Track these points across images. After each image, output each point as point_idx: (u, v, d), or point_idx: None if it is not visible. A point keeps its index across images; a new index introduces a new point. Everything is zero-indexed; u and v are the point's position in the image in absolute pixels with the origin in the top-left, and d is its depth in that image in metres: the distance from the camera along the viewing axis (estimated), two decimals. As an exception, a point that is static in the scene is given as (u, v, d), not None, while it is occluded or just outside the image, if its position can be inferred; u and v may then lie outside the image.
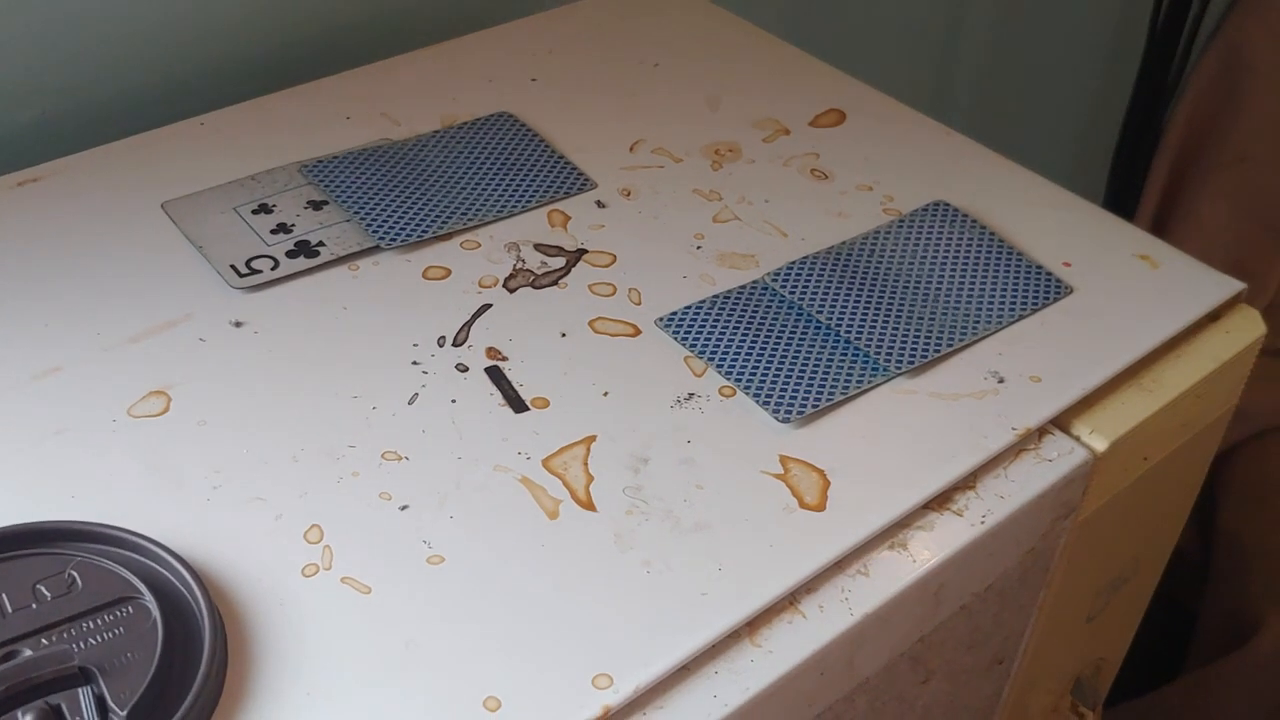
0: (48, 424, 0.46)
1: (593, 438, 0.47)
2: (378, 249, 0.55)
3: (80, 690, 0.36)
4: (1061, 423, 0.51)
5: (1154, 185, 1.45)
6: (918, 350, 0.52)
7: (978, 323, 0.54)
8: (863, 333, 0.52)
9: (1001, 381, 0.51)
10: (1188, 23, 1.33)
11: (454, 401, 0.48)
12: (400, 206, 0.57)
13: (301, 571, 0.42)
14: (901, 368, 0.51)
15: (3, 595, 0.38)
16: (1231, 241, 1.43)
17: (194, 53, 0.68)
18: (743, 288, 0.55)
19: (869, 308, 0.54)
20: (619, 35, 0.73)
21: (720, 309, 0.53)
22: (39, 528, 0.40)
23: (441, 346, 0.51)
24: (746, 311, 0.53)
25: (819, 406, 0.49)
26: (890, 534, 0.45)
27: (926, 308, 0.54)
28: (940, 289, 0.55)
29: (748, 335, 0.52)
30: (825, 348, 0.52)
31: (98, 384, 0.48)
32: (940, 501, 0.47)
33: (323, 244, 0.55)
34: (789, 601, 0.43)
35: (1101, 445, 0.50)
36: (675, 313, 0.53)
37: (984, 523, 0.46)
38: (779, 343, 0.52)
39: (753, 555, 0.43)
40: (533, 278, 0.55)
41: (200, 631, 0.38)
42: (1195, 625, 1.28)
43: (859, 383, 0.50)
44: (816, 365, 0.51)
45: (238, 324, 0.51)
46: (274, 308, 0.52)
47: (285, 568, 0.42)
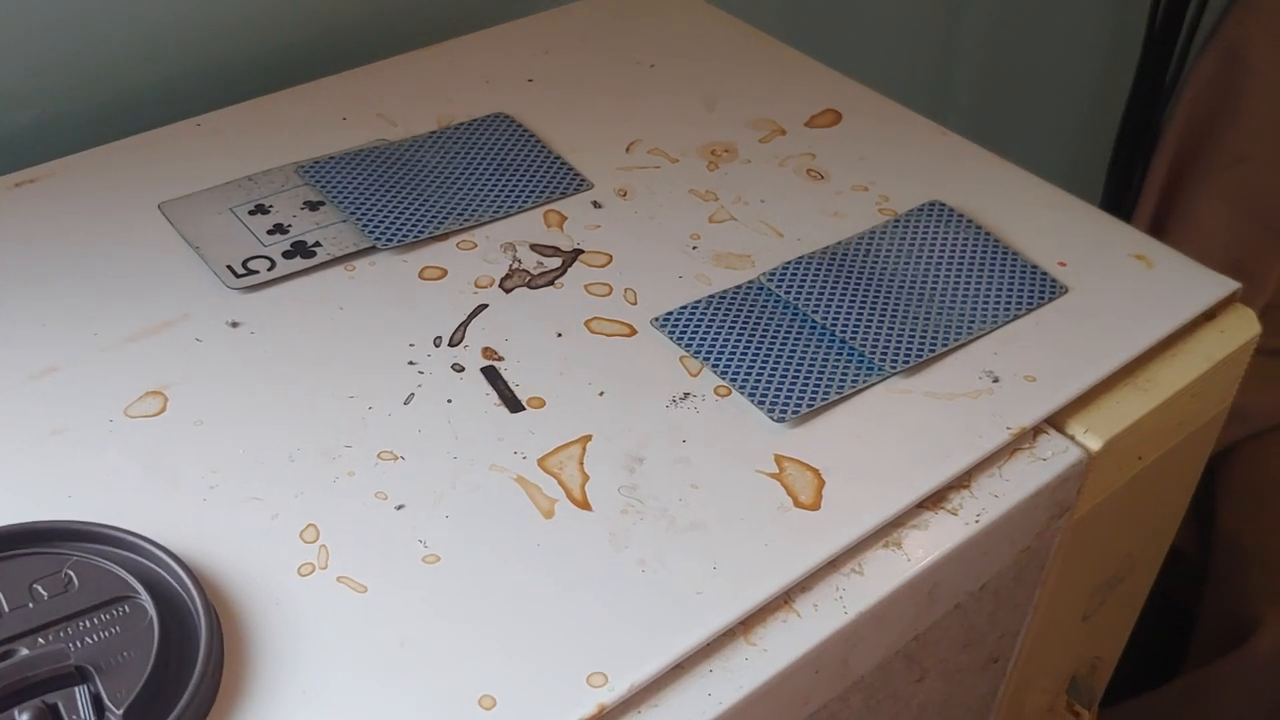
0: (45, 424, 0.46)
1: (588, 437, 0.47)
2: (374, 249, 0.56)
3: (77, 689, 0.36)
4: (1056, 422, 0.51)
5: (1152, 186, 1.45)
6: (913, 350, 0.52)
7: (973, 322, 0.54)
8: (858, 332, 0.52)
9: (996, 381, 0.51)
10: (1186, 23, 1.33)
11: (450, 401, 0.49)
12: (397, 207, 0.57)
13: (297, 571, 0.42)
14: (896, 367, 0.51)
15: (0, 595, 0.38)
16: (1230, 242, 1.43)
17: (191, 54, 0.68)
18: (738, 288, 0.55)
19: (864, 307, 0.54)
20: (615, 36, 0.73)
21: (716, 309, 0.53)
22: (36, 527, 0.40)
23: (438, 346, 0.51)
24: (742, 311, 0.53)
25: (814, 406, 0.49)
26: (885, 533, 0.46)
27: (922, 307, 0.54)
28: (935, 289, 0.55)
29: (743, 335, 0.52)
30: (821, 347, 0.52)
31: (95, 384, 0.48)
32: (935, 500, 0.47)
33: (319, 244, 0.55)
34: (784, 600, 0.43)
35: (1096, 444, 0.50)
36: (671, 313, 0.53)
37: (978, 522, 0.46)
38: (774, 342, 0.52)
39: (748, 554, 0.43)
40: (529, 278, 0.55)
41: (196, 630, 0.38)
42: (1194, 625, 1.28)
43: (854, 382, 0.50)
44: (812, 365, 0.51)
45: (234, 324, 0.51)
46: (270, 308, 0.52)
47: (281, 567, 0.42)
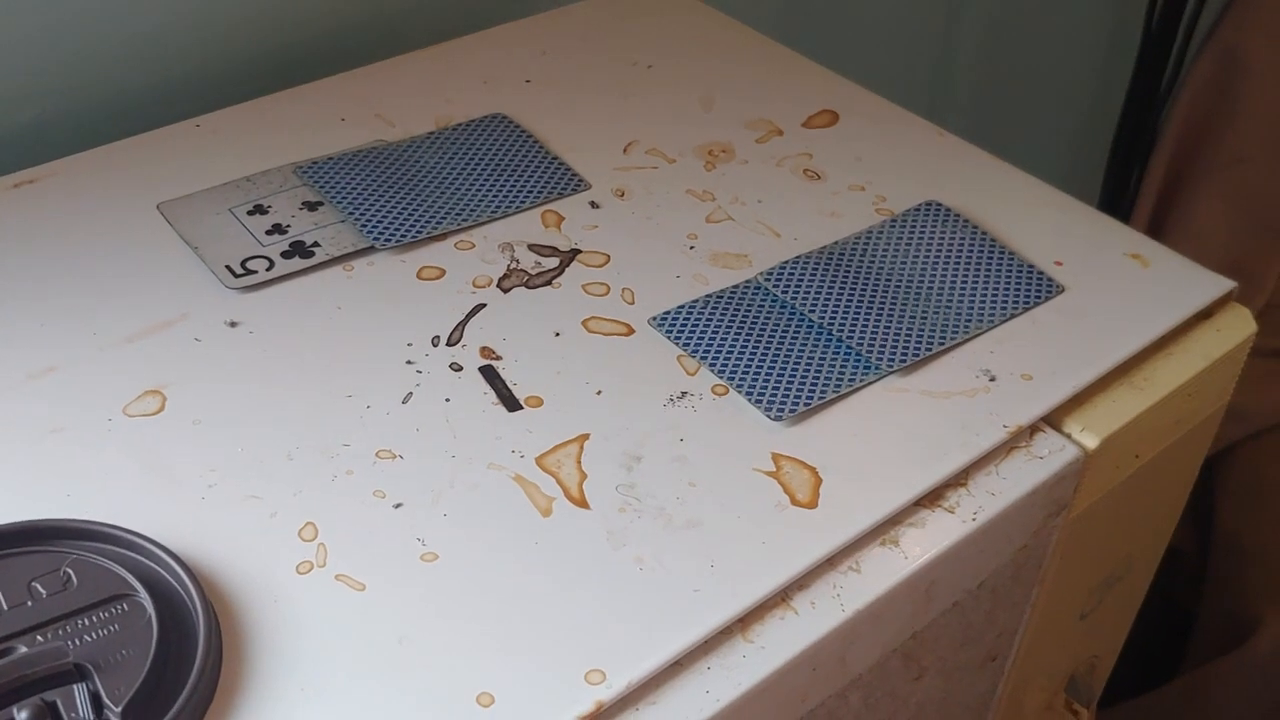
0: (44, 423, 0.46)
1: (586, 436, 0.47)
2: (372, 249, 0.56)
3: (75, 687, 0.36)
4: (1053, 420, 0.51)
5: (1150, 187, 1.45)
6: (909, 349, 0.52)
7: (969, 321, 0.54)
8: (855, 331, 0.53)
9: (993, 380, 0.51)
10: (1183, 24, 1.34)
11: (448, 400, 0.49)
12: (395, 207, 0.58)
13: (296, 569, 0.42)
14: (893, 366, 0.51)
15: (-1, 592, 0.38)
16: (1228, 243, 1.43)
17: (190, 55, 0.68)
18: (735, 287, 0.55)
19: (861, 307, 0.54)
20: (613, 37, 0.73)
21: (713, 308, 0.53)
22: (35, 525, 0.40)
23: (436, 346, 0.51)
24: (739, 311, 0.53)
25: (811, 405, 0.49)
26: (882, 531, 0.46)
27: (918, 306, 0.54)
28: (932, 288, 0.56)
29: (740, 334, 0.52)
30: (817, 346, 0.52)
31: (94, 383, 0.48)
32: (932, 499, 0.47)
33: (318, 244, 0.55)
34: (781, 598, 0.43)
35: (1093, 443, 0.50)
36: (668, 312, 0.53)
37: (975, 520, 0.47)
38: (771, 342, 0.52)
39: (745, 552, 0.43)
40: (527, 277, 0.55)
41: (195, 628, 0.38)
42: (1193, 626, 1.28)
43: (851, 381, 0.50)
44: (809, 364, 0.51)
45: (233, 324, 0.51)
46: (269, 308, 0.52)
47: (280, 565, 0.42)
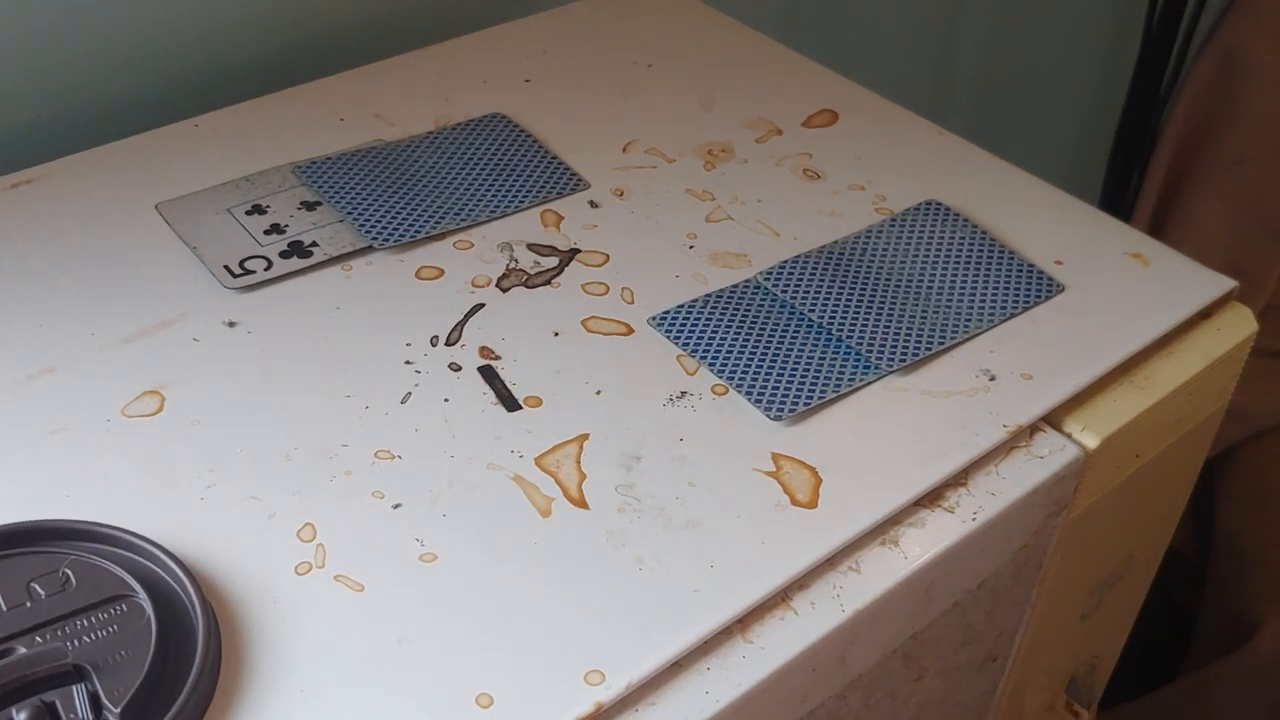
0: (43, 424, 0.46)
1: (585, 436, 0.47)
2: (371, 249, 0.56)
3: (74, 688, 0.36)
4: (1053, 420, 0.51)
5: (1151, 187, 1.45)
6: (909, 348, 0.52)
7: (969, 321, 0.54)
8: (854, 331, 0.52)
9: (993, 379, 0.51)
10: (1183, 25, 1.34)
11: (447, 400, 0.49)
12: (394, 207, 0.57)
13: (295, 569, 0.42)
14: (893, 365, 0.51)
15: (-3, 593, 0.38)
16: (1229, 243, 1.43)
17: (188, 55, 0.68)
18: (735, 287, 0.55)
19: (861, 306, 0.54)
20: (612, 36, 0.73)
21: (713, 308, 0.53)
22: (33, 526, 0.40)
23: (435, 346, 0.51)
24: (739, 310, 0.53)
25: (811, 404, 0.49)
26: (882, 531, 0.46)
27: (918, 306, 0.54)
28: (932, 287, 0.55)
29: (740, 334, 0.52)
30: (817, 346, 0.52)
31: (92, 384, 0.48)
32: (932, 498, 0.47)
33: (316, 244, 0.55)
34: (781, 598, 0.43)
35: (1093, 442, 0.50)
36: (668, 312, 0.53)
37: (975, 520, 0.46)
38: (771, 341, 0.52)
39: (745, 552, 0.43)
40: (526, 277, 0.55)
41: (194, 629, 0.38)
42: (1194, 627, 1.28)
43: (851, 380, 0.50)
44: (808, 363, 0.51)
45: (231, 324, 0.51)
46: (268, 308, 0.52)
47: (278, 566, 0.42)
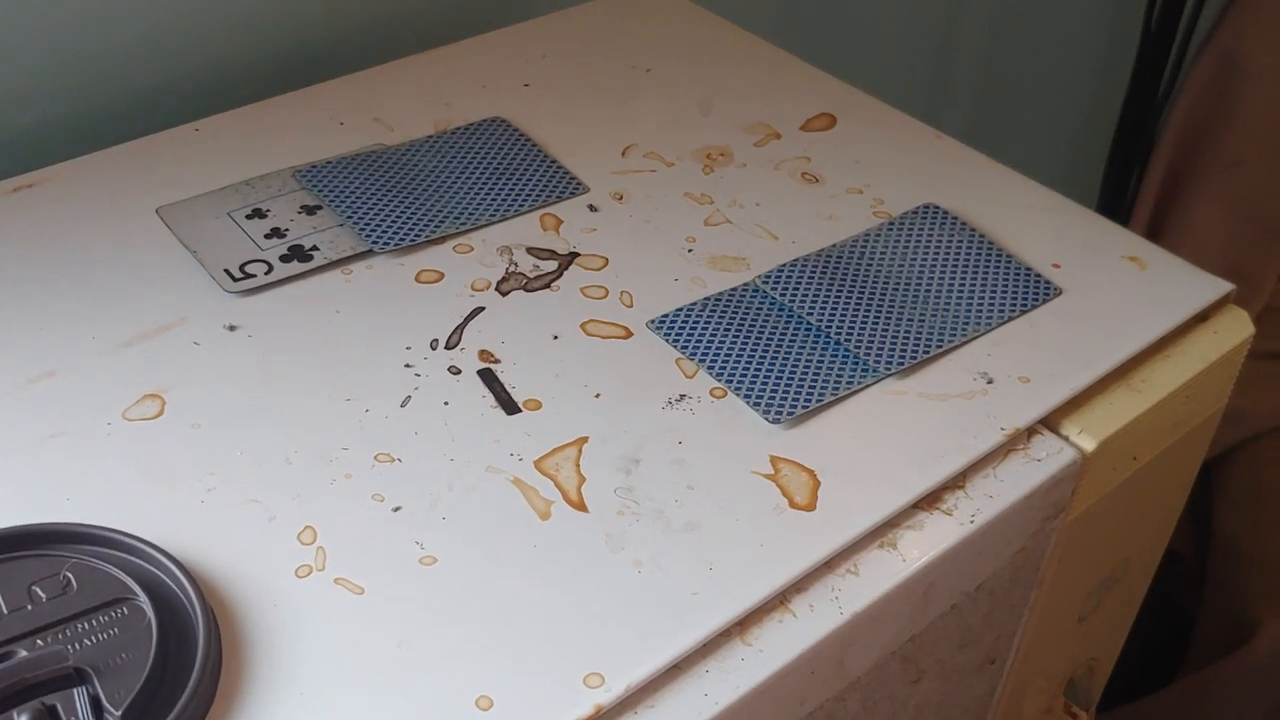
0: (43, 428, 0.47)
1: (584, 439, 0.48)
2: (371, 253, 0.56)
3: (75, 691, 0.36)
4: (1050, 423, 0.51)
5: (1149, 190, 1.45)
6: (907, 351, 0.52)
7: (967, 324, 0.54)
8: (853, 334, 0.53)
9: (990, 382, 0.51)
10: (1181, 27, 1.34)
11: (446, 404, 0.49)
12: (393, 211, 0.58)
13: (295, 573, 0.42)
14: (891, 369, 0.51)
15: (-2, 597, 0.38)
16: (1227, 245, 1.43)
17: (188, 59, 0.68)
18: (734, 290, 0.55)
19: (859, 309, 0.54)
20: (611, 41, 0.73)
21: (711, 311, 0.54)
22: (34, 530, 0.40)
23: (434, 349, 0.51)
24: (737, 314, 0.54)
25: (809, 407, 0.49)
26: (880, 533, 0.46)
27: (916, 309, 0.54)
28: (930, 291, 0.56)
29: (738, 337, 0.52)
30: (815, 349, 0.52)
31: (93, 388, 0.48)
32: (929, 501, 0.47)
33: (316, 248, 0.56)
34: (779, 601, 0.43)
35: (1090, 445, 0.50)
36: (667, 315, 0.53)
37: (973, 522, 0.47)
38: (769, 344, 0.52)
39: (743, 555, 0.44)
40: (525, 281, 0.55)
41: (194, 632, 0.38)
42: (1192, 629, 1.28)
43: (849, 384, 0.50)
44: (807, 366, 0.51)
45: (232, 328, 0.52)
46: (268, 311, 0.52)
47: (279, 569, 0.42)
